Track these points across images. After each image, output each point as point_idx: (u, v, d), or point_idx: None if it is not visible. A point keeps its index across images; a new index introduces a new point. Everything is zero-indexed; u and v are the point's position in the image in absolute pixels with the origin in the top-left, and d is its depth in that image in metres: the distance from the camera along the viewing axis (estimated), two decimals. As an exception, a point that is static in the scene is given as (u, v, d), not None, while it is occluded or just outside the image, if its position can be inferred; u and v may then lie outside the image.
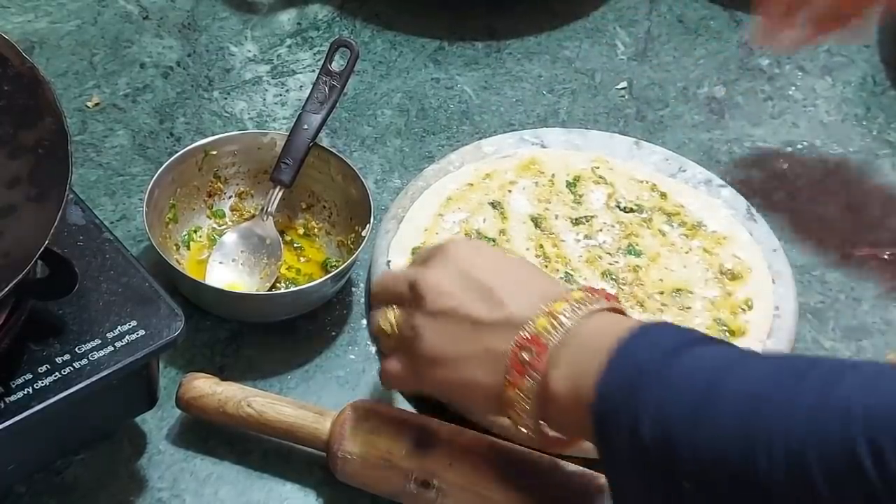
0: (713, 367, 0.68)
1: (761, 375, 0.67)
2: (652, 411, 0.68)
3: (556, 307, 0.76)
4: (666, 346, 0.71)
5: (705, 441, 0.65)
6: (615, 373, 0.71)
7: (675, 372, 0.69)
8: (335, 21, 1.26)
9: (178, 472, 0.91)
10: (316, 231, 1.05)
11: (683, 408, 0.67)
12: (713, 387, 0.67)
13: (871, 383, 0.63)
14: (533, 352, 0.76)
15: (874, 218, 1.13)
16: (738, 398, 0.66)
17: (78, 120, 1.13)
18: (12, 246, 0.75)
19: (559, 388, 0.75)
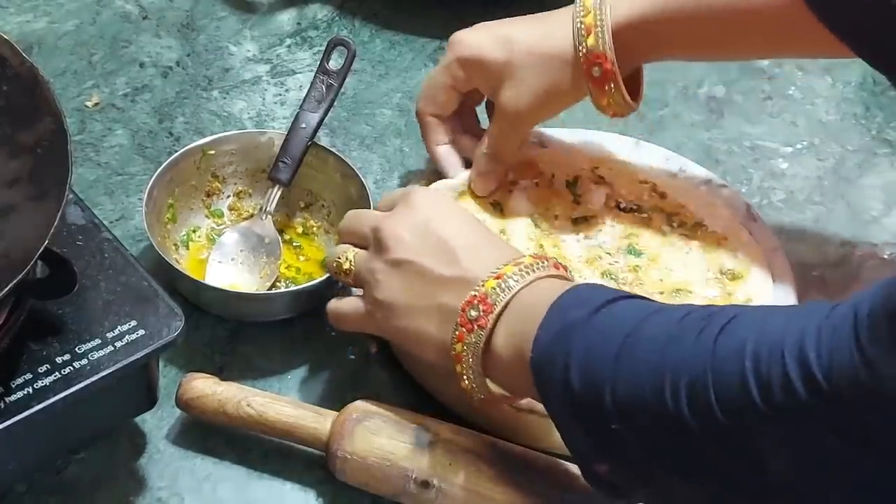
0: (631, 318, 0.74)
1: (671, 323, 0.72)
2: (579, 361, 0.73)
3: (505, 270, 0.82)
4: (591, 302, 0.76)
5: (623, 384, 0.71)
6: (548, 329, 0.76)
7: (597, 324, 0.75)
8: (334, 21, 1.26)
9: (178, 472, 0.91)
10: (315, 230, 1.05)
11: (605, 355, 0.72)
12: (630, 335, 0.73)
13: (760, 323, 0.68)
14: (480, 310, 0.80)
15: (874, 217, 1.13)
16: (649, 344, 0.72)
17: (77, 120, 1.13)
18: (12, 246, 0.75)
19: (501, 346, 0.80)
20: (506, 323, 0.80)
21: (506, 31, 0.99)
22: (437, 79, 1.02)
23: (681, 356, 0.69)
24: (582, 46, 0.97)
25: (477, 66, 1.00)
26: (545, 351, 0.76)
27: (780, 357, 0.65)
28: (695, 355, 0.69)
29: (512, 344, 0.79)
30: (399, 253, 0.85)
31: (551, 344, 0.76)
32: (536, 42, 0.98)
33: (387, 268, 0.86)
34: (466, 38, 1.00)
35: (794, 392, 0.64)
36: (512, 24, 1.00)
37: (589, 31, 0.96)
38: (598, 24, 0.96)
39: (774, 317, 0.69)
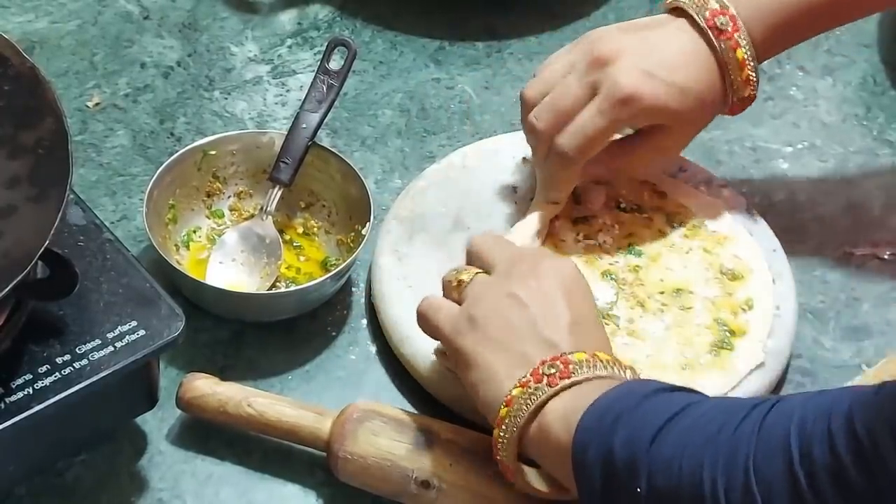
0: (680, 403, 0.75)
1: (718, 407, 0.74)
2: (625, 426, 0.74)
3: (599, 355, 0.81)
4: (643, 390, 0.77)
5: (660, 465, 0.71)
6: (599, 408, 0.76)
7: (644, 408, 0.75)
8: (336, 21, 1.26)
9: (179, 473, 0.91)
10: (315, 230, 1.05)
11: (649, 431, 0.73)
12: (676, 416, 0.73)
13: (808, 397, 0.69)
14: (558, 370, 0.80)
15: (874, 218, 1.13)
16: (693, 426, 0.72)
17: (78, 120, 1.13)
18: (12, 246, 0.75)
19: (552, 415, 0.79)
20: (569, 397, 0.79)
21: (673, 79, 0.96)
22: (605, 130, 0.98)
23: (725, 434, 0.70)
24: (738, 95, 1.00)
25: (652, 117, 0.98)
26: (596, 414, 0.76)
27: (827, 416, 0.65)
28: (740, 432, 0.69)
29: (564, 413, 0.78)
30: (520, 290, 0.84)
31: (605, 408, 0.76)
32: (703, 93, 0.98)
33: (500, 294, 0.85)
34: (642, 92, 0.95)
35: (834, 448, 0.64)
36: (667, 65, 0.97)
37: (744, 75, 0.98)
38: (751, 67, 0.98)
39: (825, 392, 0.70)
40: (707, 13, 0.98)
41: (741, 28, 0.97)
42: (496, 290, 0.86)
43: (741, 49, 0.97)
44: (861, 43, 1.27)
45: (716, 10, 0.98)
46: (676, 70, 0.97)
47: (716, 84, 0.99)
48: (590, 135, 0.97)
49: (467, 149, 1.11)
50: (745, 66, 0.98)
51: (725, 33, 0.97)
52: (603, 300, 0.99)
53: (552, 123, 0.98)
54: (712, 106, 1.00)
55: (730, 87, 0.99)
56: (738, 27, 0.97)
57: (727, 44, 0.97)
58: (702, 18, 0.98)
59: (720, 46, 0.97)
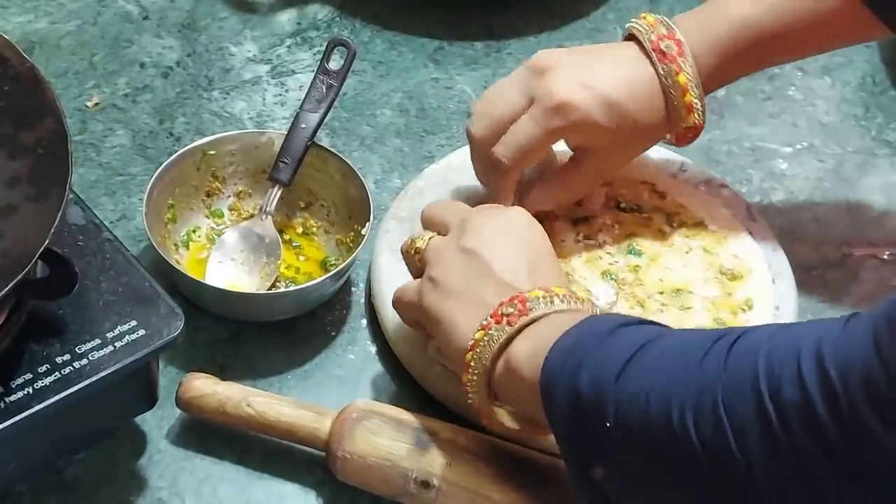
0: (646, 335, 0.75)
1: (684, 340, 0.74)
2: (589, 365, 0.74)
3: (555, 289, 0.82)
4: (606, 326, 0.77)
5: (629, 395, 0.71)
6: (567, 338, 0.77)
7: (610, 342, 0.75)
8: (335, 21, 1.26)
9: (178, 472, 0.91)
10: (314, 230, 1.05)
11: (614, 364, 0.73)
12: (641, 348, 0.73)
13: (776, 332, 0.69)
14: (516, 308, 0.81)
15: (873, 218, 1.13)
16: (659, 359, 0.72)
17: (78, 120, 1.13)
18: (12, 246, 0.75)
19: (519, 352, 0.80)
20: (530, 334, 0.80)
21: (608, 95, 0.96)
22: (538, 138, 0.96)
23: (691, 369, 0.70)
24: (682, 122, 0.99)
25: (586, 132, 0.97)
26: (562, 353, 0.76)
27: (796, 354, 0.65)
28: (706, 366, 0.69)
29: (529, 351, 0.79)
30: (471, 242, 0.86)
31: (569, 347, 0.76)
32: (640, 114, 0.97)
33: (455, 251, 0.87)
34: (575, 102, 0.95)
35: (805, 389, 0.63)
36: (605, 80, 0.96)
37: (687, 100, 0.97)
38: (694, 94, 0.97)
39: (791, 327, 0.70)
40: (654, 36, 0.97)
41: (686, 53, 0.96)
42: (451, 247, 0.87)
43: (683, 73, 0.96)
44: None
45: (662, 34, 0.97)
46: (614, 88, 0.96)
47: (656, 108, 0.98)
48: (523, 144, 0.97)
49: (467, 149, 1.11)
50: (688, 91, 0.97)
51: (668, 56, 0.96)
52: (603, 300, 0.99)
53: (488, 131, 0.98)
54: (652, 131, 0.99)
55: (673, 113, 0.98)
56: (682, 52, 0.96)
57: (669, 67, 0.96)
58: (648, 42, 0.97)
59: (662, 70, 0.97)
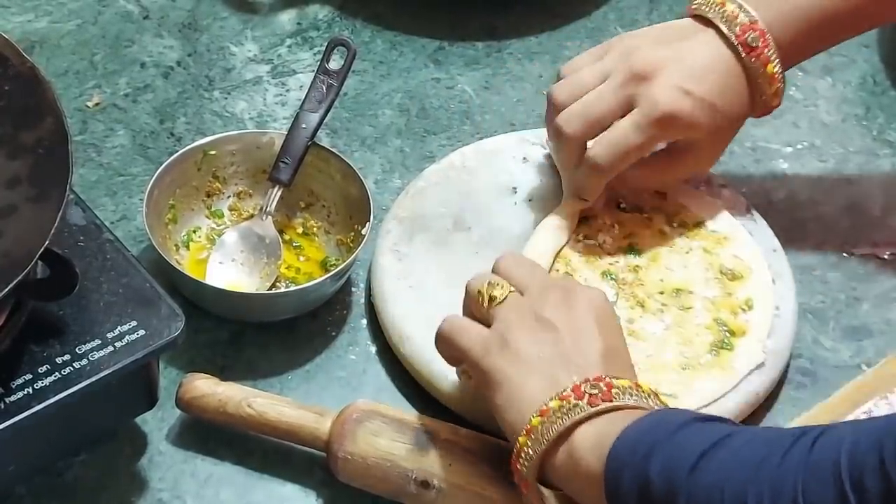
0: (719, 432, 0.73)
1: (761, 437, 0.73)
2: (661, 454, 0.72)
3: (643, 385, 0.81)
4: (680, 418, 0.76)
5: (701, 490, 0.70)
6: (636, 428, 0.76)
7: (680, 437, 0.74)
8: (335, 21, 1.26)
9: (179, 473, 0.91)
10: (315, 230, 1.05)
11: (688, 459, 0.71)
12: (716, 445, 0.72)
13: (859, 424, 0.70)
14: (600, 391, 0.79)
15: (874, 218, 1.13)
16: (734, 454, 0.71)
17: (78, 120, 1.13)
18: (12, 246, 0.75)
19: (584, 439, 0.78)
20: (604, 422, 0.78)
21: (708, 99, 0.97)
22: (641, 146, 0.98)
23: (770, 465, 0.69)
24: (765, 107, 1.01)
25: (687, 134, 0.99)
26: (630, 440, 0.75)
27: (878, 445, 0.64)
28: (787, 463, 0.68)
29: (596, 437, 0.77)
30: (552, 315, 0.84)
31: (639, 435, 0.75)
32: (732, 109, 0.99)
33: (531, 318, 0.84)
34: (681, 111, 0.96)
35: (888, 479, 0.63)
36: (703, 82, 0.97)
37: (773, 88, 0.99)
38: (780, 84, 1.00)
39: (874, 420, 0.69)
40: (737, 29, 0.98)
41: (771, 44, 0.97)
42: (530, 313, 0.84)
43: (771, 64, 0.98)
44: (861, 43, 1.27)
45: (745, 25, 0.97)
46: (709, 86, 0.97)
47: (744, 97, 0.99)
48: (625, 149, 0.98)
49: (467, 149, 1.11)
50: (776, 80, 0.99)
51: (756, 50, 0.97)
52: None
53: (583, 131, 0.99)
54: (739, 119, 1.01)
55: (759, 99, 1.00)
56: (767, 43, 0.97)
57: (758, 60, 0.98)
58: (732, 35, 0.98)
59: (751, 62, 0.98)
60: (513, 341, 0.83)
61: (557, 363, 0.82)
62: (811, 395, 0.99)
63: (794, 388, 1.00)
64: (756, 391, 0.95)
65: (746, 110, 1.01)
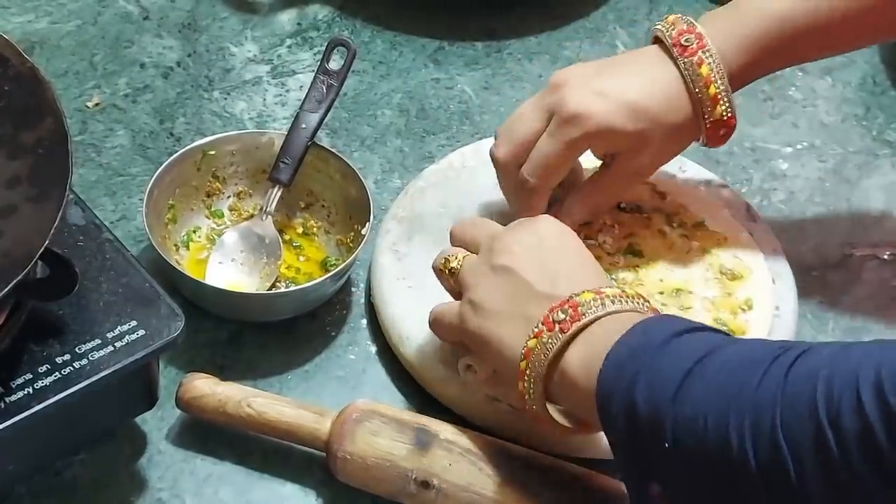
0: (703, 347, 0.74)
1: (743, 353, 0.73)
2: (646, 381, 0.73)
3: (606, 291, 0.81)
4: (669, 328, 0.76)
5: (686, 413, 0.70)
6: (622, 346, 0.76)
7: (670, 348, 0.74)
8: (335, 21, 1.26)
9: (178, 473, 0.91)
10: (315, 230, 1.05)
11: (671, 380, 0.72)
12: (699, 362, 0.72)
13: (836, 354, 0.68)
14: (568, 314, 0.80)
15: (874, 218, 1.13)
16: (717, 374, 0.71)
17: (78, 120, 1.13)
18: (12, 246, 0.75)
19: (573, 360, 0.79)
20: (584, 340, 0.79)
21: (624, 98, 0.95)
22: (558, 153, 0.96)
23: (749, 390, 0.69)
24: (708, 115, 0.97)
25: (606, 139, 0.96)
26: (617, 364, 0.75)
27: (855, 382, 0.64)
28: (764, 388, 0.68)
29: (584, 359, 0.78)
30: (504, 260, 0.85)
31: (625, 359, 0.75)
32: (663, 113, 0.96)
33: (489, 272, 0.86)
34: (588, 110, 0.95)
35: (865, 418, 0.63)
36: (621, 85, 0.96)
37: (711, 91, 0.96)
38: (719, 86, 0.96)
39: (851, 349, 0.68)
40: (674, 32, 0.97)
41: (708, 46, 0.95)
42: (485, 267, 0.86)
43: (705, 65, 0.95)
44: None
45: (682, 29, 0.97)
46: (632, 90, 0.96)
47: (681, 105, 0.97)
48: (546, 161, 0.96)
49: (467, 149, 1.11)
50: (711, 83, 0.96)
51: (689, 49, 0.96)
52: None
53: (511, 152, 0.98)
54: (680, 129, 0.98)
55: (699, 108, 0.97)
56: (703, 44, 0.96)
57: (690, 60, 0.96)
58: (668, 39, 0.97)
59: (684, 63, 0.96)
60: (479, 300, 0.85)
61: (524, 301, 0.83)
62: (811, 395, 0.99)
63: (794, 388, 0.99)
64: (756, 391, 0.95)
65: (688, 119, 0.97)
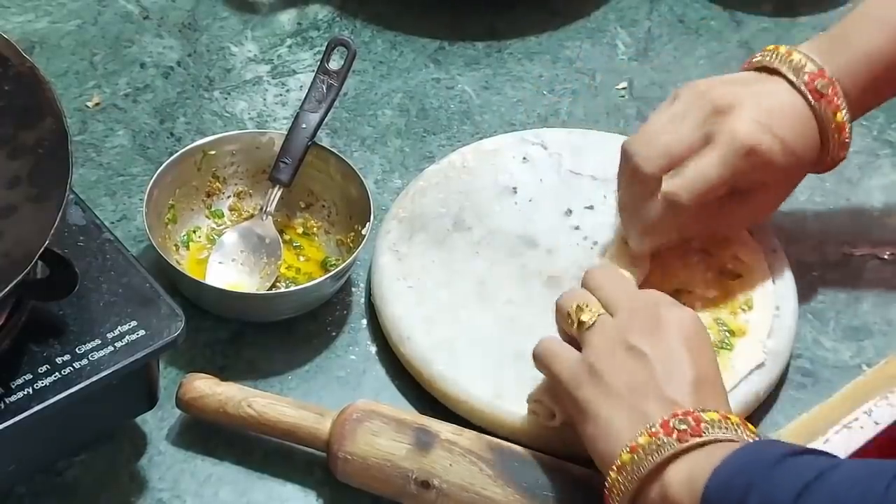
0: (816, 467, 0.72)
1: (856, 476, 0.71)
2: (758, 495, 0.71)
3: (731, 417, 0.79)
4: (773, 453, 0.74)
5: None
6: (730, 466, 0.74)
7: (775, 475, 0.72)
8: (335, 21, 1.26)
9: (179, 473, 0.91)
10: (315, 230, 1.05)
11: (787, 493, 0.70)
12: (814, 481, 0.70)
13: None
14: (689, 427, 0.78)
15: (874, 218, 1.13)
16: (834, 491, 0.70)
17: (78, 120, 1.13)
18: (12, 246, 0.75)
19: (676, 475, 0.77)
20: (691, 460, 0.77)
21: (783, 136, 0.94)
22: (724, 179, 0.94)
23: (875, 494, 0.68)
24: (833, 157, 0.98)
25: (763, 171, 0.95)
26: (725, 479, 0.73)
27: None
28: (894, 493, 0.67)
29: (688, 474, 0.76)
30: (643, 343, 0.82)
31: (733, 474, 0.73)
32: (804, 152, 0.96)
33: (621, 345, 0.83)
34: (760, 146, 0.93)
35: None
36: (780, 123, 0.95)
37: (842, 138, 0.97)
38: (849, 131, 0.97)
39: None
40: (806, 77, 0.95)
41: (839, 91, 0.95)
42: (620, 340, 0.83)
43: (841, 112, 0.96)
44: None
45: (814, 73, 0.95)
46: (785, 127, 0.95)
47: (815, 144, 0.97)
48: (708, 183, 0.94)
49: (467, 149, 1.11)
50: (844, 129, 0.96)
51: (826, 97, 0.95)
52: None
53: (663, 167, 0.95)
54: (808, 166, 0.98)
55: (828, 148, 0.97)
56: (836, 90, 0.95)
57: (828, 107, 0.95)
58: (801, 82, 0.96)
59: (821, 109, 0.95)
60: (602, 372, 0.82)
61: (647, 395, 0.81)
62: (811, 395, 0.99)
63: (795, 389, 0.99)
64: (756, 391, 0.95)
65: (816, 156, 0.97)
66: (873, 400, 0.97)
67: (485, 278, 1.01)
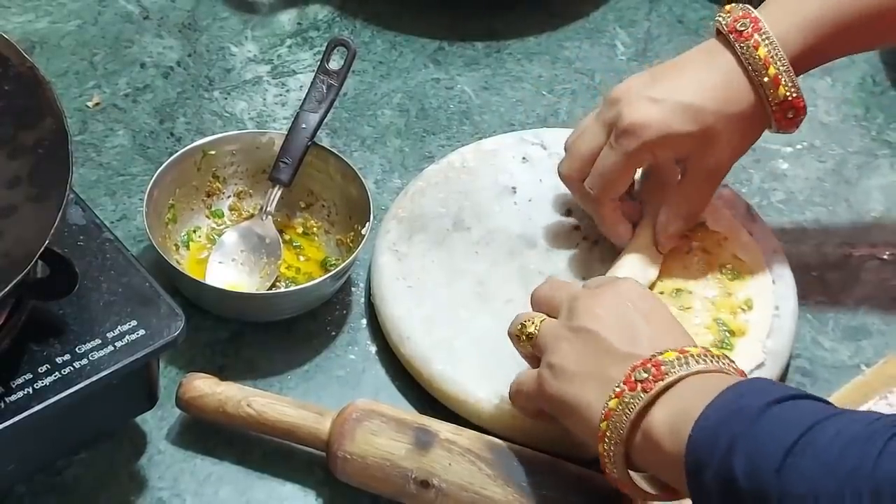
0: (811, 414, 0.70)
1: (857, 424, 0.69)
2: (747, 446, 0.70)
3: (690, 350, 0.79)
4: (769, 393, 0.73)
5: (795, 482, 0.67)
6: (717, 409, 0.73)
7: (773, 414, 0.71)
8: (335, 21, 1.26)
9: (179, 473, 0.91)
10: (315, 230, 1.05)
11: (777, 446, 0.69)
12: (810, 429, 0.69)
13: None
14: (650, 373, 0.77)
15: (874, 218, 1.13)
16: (830, 444, 0.68)
17: (78, 120, 1.13)
18: (12, 246, 0.75)
19: (657, 421, 0.76)
20: (668, 401, 0.76)
21: (680, 100, 0.95)
22: (618, 165, 0.96)
23: (865, 470, 0.66)
24: (772, 98, 0.95)
25: (668, 145, 0.96)
26: (709, 430, 0.72)
27: None
28: (882, 469, 0.65)
29: (669, 421, 0.75)
30: (584, 321, 0.83)
31: (718, 424, 0.72)
32: (722, 105, 0.95)
33: (569, 334, 0.84)
34: (646, 119, 0.94)
35: None
36: (676, 87, 0.96)
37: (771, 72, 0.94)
38: (779, 66, 0.94)
39: None
40: (730, 20, 0.96)
41: (763, 28, 0.94)
42: (564, 330, 0.84)
43: (763, 47, 0.94)
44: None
45: (738, 15, 0.96)
46: (687, 91, 0.95)
47: (743, 93, 0.95)
48: (606, 174, 0.97)
49: (466, 149, 1.11)
50: (770, 64, 0.94)
51: (744, 34, 0.94)
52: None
53: (574, 167, 0.99)
54: (746, 118, 0.96)
55: (761, 92, 0.95)
56: (759, 27, 0.94)
57: (747, 43, 0.94)
58: (725, 27, 0.96)
59: (741, 48, 0.94)
60: (558, 362, 0.83)
61: (605, 362, 0.81)
62: (811, 395, 0.99)
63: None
64: (755, 391, 0.95)
65: (753, 107, 0.95)
66: (872, 400, 0.97)
67: (484, 278, 1.01)
